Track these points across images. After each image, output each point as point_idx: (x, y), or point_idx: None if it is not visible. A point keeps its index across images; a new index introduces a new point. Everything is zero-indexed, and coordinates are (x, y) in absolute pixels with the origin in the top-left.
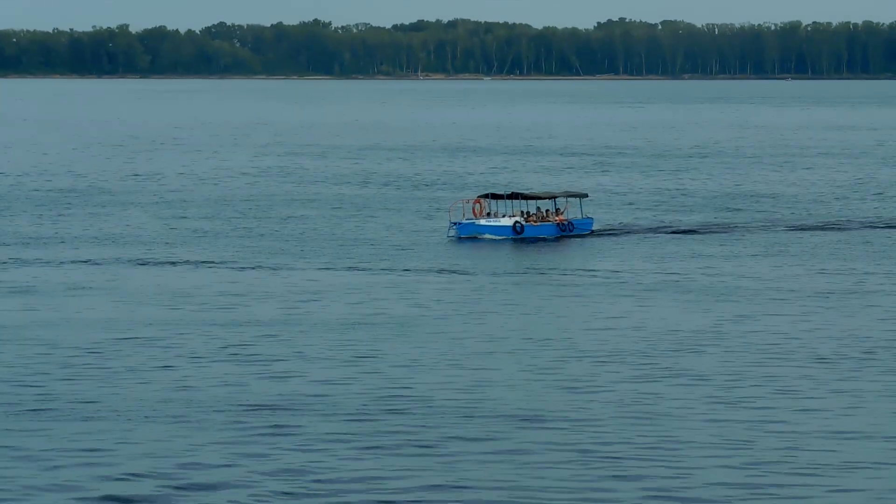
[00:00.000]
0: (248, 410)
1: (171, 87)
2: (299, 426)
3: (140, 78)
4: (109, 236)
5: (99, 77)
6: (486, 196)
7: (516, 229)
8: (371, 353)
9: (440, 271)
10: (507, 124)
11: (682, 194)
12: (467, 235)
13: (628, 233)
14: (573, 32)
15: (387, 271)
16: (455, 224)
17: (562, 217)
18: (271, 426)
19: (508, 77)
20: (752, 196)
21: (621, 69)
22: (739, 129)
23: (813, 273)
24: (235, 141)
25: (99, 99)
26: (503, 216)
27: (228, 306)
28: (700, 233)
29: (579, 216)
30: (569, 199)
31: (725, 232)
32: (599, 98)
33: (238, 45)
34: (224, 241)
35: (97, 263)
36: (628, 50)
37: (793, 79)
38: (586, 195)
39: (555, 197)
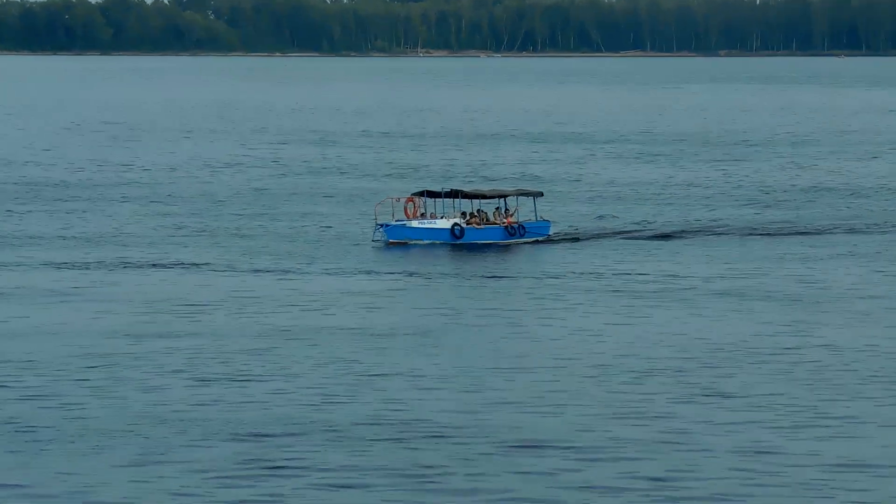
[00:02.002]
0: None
1: (138, 64)
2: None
3: (101, 55)
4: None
5: (54, 53)
6: (420, 193)
7: (455, 233)
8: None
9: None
10: (523, 107)
11: (705, 188)
12: (396, 240)
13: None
14: (593, 3)
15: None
16: (382, 226)
17: (511, 219)
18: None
19: (520, 54)
20: (797, 191)
21: (648, 45)
22: (787, 112)
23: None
24: (218, 127)
25: (56, 78)
26: (441, 217)
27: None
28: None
29: (534, 218)
30: (520, 197)
31: (756, 235)
32: (627, 77)
33: (213, 17)
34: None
35: (59, 267)
36: (656, 23)
37: (846, 56)
38: (541, 193)
39: (504, 195)
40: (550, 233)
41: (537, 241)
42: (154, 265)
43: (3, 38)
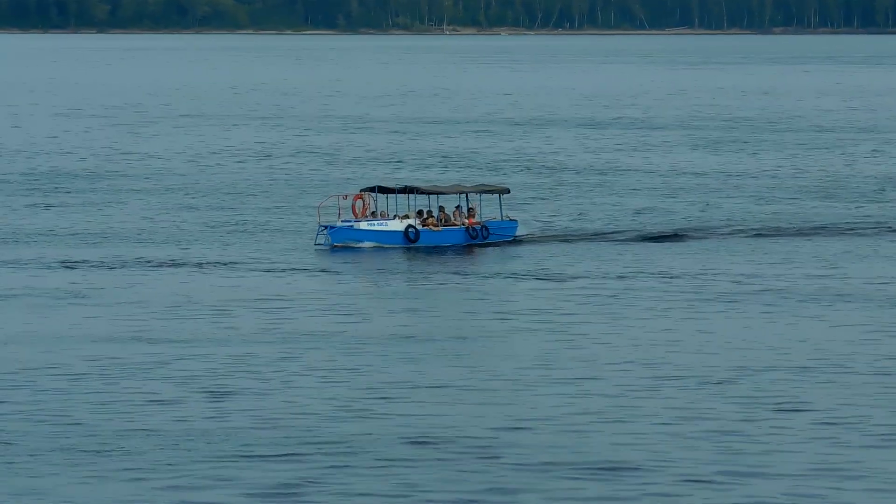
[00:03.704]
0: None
1: (138, 43)
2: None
3: (97, 33)
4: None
5: (45, 31)
6: (370, 190)
7: (409, 235)
8: None
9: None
10: (568, 89)
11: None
12: (342, 243)
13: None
14: None
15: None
16: (326, 228)
17: (473, 219)
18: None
19: (556, 31)
20: (875, 182)
21: (696, 21)
22: (857, 96)
23: None
24: (230, 111)
25: (51, 58)
26: (393, 217)
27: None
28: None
29: (498, 217)
30: (482, 194)
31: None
32: (676, 56)
33: None
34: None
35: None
36: None
37: None
38: (507, 190)
39: (464, 192)
40: (517, 234)
41: (500, 244)
42: (174, 263)
43: None
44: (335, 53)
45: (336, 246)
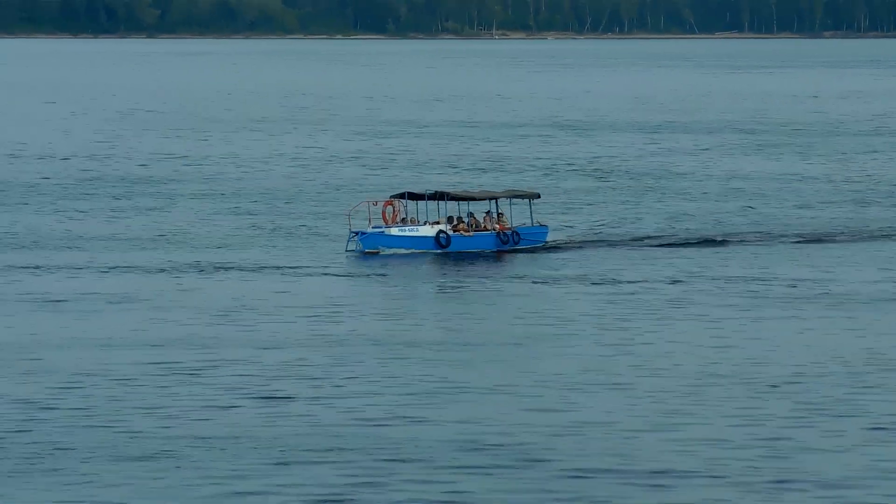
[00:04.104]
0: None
1: (188, 48)
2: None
3: (146, 38)
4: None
5: (95, 37)
6: (400, 196)
7: (440, 241)
8: None
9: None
10: (628, 94)
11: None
12: (373, 249)
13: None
14: None
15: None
16: (357, 234)
17: (504, 224)
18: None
19: (605, 35)
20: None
21: (746, 25)
22: None
23: None
24: (280, 115)
25: (101, 63)
26: (423, 223)
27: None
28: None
29: (529, 223)
30: (513, 199)
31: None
32: (727, 60)
33: None
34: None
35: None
36: (756, 1)
37: None
38: (538, 195)
39: (495, 197)
40: (548, 239)
41: (532, 249)
42: (228, 267)
43: (40, 19)
44: (384, 57)
45: (367, 252)
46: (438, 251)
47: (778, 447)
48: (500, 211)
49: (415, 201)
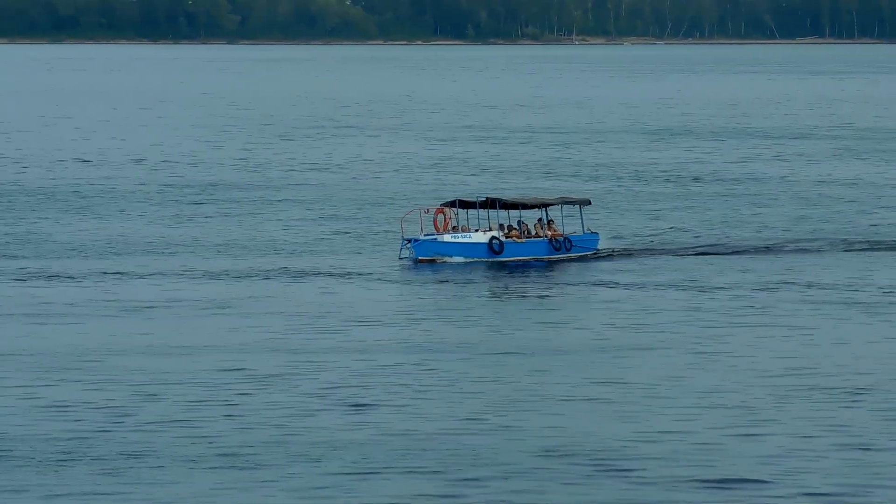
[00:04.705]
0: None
1: (268, 54)
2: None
3: (227, 44)
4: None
5: (175, 42)
6: (451, 204)
7: (493, 248)
8: None
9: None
10: (718, 99)
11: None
12: (426, 257)
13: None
14: None
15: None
16: (410, 241)
17: (555, 231)
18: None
19: (686, 41)
20: None
21: (827, 31)
22: None
23: None
24: (358, 122)
25: (185, 69)
26: (475, 230)
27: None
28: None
29: (580, 230)
30: (564, 206)
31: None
32: (812, 66)
33: (348, 2)
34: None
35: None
36: (837, 7)
37: None
38: (588, 202)
39: (547, 204)
40: (599, 247)
41: (584, 257)
42: (315, 273)
43: (120, 25)
44: (464, 63)
45: (420, 260)
46: (491, 258)
47: (864, 458)
48: (549, 218)
49: (466, 209)
